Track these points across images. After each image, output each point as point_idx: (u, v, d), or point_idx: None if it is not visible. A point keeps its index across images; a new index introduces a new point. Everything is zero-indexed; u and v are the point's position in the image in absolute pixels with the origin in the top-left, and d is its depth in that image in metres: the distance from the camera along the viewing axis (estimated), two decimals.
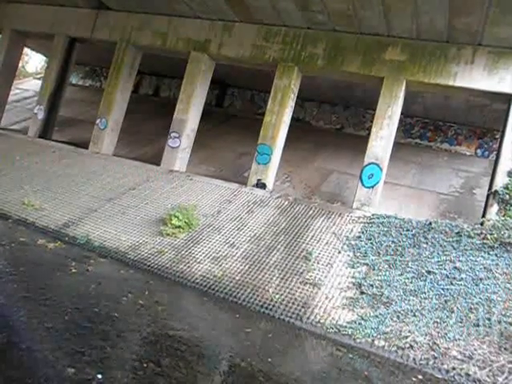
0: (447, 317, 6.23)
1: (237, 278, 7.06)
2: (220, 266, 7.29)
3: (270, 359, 5.37)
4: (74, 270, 6.77)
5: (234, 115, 14.73)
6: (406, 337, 6.00)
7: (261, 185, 9.50)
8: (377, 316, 6.37)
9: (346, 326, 6.22)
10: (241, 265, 7.32)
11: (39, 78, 17.95)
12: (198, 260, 7.41)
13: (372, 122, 9.67)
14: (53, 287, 6.17)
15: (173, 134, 11.06)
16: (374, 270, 7.09)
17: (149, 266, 7.23)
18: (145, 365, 4.62)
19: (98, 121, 12.08)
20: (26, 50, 19.43)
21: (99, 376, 4.21)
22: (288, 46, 10.36)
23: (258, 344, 5.85)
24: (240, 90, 15.38)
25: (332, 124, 14.18)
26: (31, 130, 13.14)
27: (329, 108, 14.24)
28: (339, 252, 7.56)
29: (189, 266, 7.26)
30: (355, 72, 9.75)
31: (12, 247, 7.33)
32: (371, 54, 9.63)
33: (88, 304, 5.78)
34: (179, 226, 7.94)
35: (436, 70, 9.08)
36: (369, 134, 9.66)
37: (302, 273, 7.16)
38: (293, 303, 6.61)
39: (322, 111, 14.29)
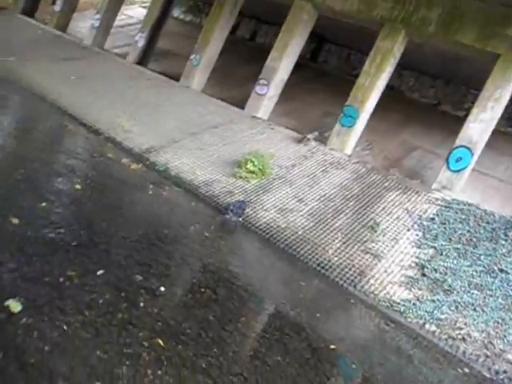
0: (511, 319, 5.89)
1: (299, 232, 7.14)
2: (285, 217, 7.39)
3: (318, 315, 5.50)
4: (150, 193, 7.25)
5: (326, 72, 14.24)
6: (461, 328, 5.79)
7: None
8: (434, 301, 6.18)
9: (399, 303, 6.13)
10: (305, 221, 7.37)
11: (145, 7, 18.46)
12: (265, 208, 7.56)
13: (473, 103, 8.88)
14: (131, 203, 6.68)
15: (261, 81, 11.00)
16: (441, 255, 6.80)
17: (218, 203, 7.51)
18: (202, 289, 4.95)
19: (192, 56, 12.31)
20: None
21: (162, 288, 4.60)
22: (399, 6, 9.61)
23: (309, 298, 5.99)
24: (337, 47, 14.71)
25: (428, 98, 13.21)
26: (131, 55, 13.77)
27: (428, 80, 13.22)
28: (408, 230, 7.31)
29: (255, 212, 7.44)
30: (469, 44, 8.87)
31: (101, 161, 7.97)
32: (492, 26, 8.65)
33: (159, 225, 6.22)
34: (253, 172, 8.09)
35: None
36: (466, 116, 8.91)
37: (365, 242, 7.06)
38: (349, 269, 6.60)
39: (419, 83, 13.32)
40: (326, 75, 14.02)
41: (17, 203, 5.20)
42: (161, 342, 3.84)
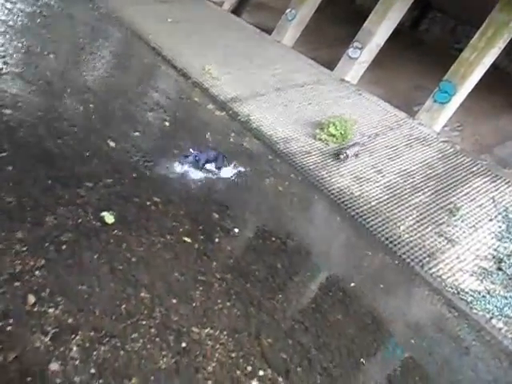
0: None
1: (372, 203, 6.97)
2: (360, 186, 7.23)
3: (381, 285, 5.44)
4: (231, 140, 7.40)
5: (425, 42, 13.29)
6: None
7: None
8: (506, 297, 5.84)
9: (467, 292, 5.86)
10: (381, 193, 7.16)
11: None
12: (341, 173, 7.43)
13: None
14: (213, 143, 6.84)
15: (355, 44, 10.52)
16: None
17: (294, 161, 7.49)
18: (273, 238, 5.05)
19: (287, 11, 12.00)
20: None
21: (236, 230, 4.78)
22: None
23: (374, 269, 5.92)
24: (443, 17, 13.57)
25: None
26: (226, 3, 13.73)
27: None
28: (490, 220, 6.86)
29: (330, 175, 7.35)
30: None
31: (188, 103, 8.21)
32: None
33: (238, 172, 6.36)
34: (333, 135, 7.92)
35: None
36: None
37: (440, 224, 6.75)
38: (419, 249, 6.38)
39: None
40: (424, 45, 13.10)
41: (114, 129, 5.56)
42: (231, 277, 4.03)
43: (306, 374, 3.40)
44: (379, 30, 10.32)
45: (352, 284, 5.12)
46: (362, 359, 3.90)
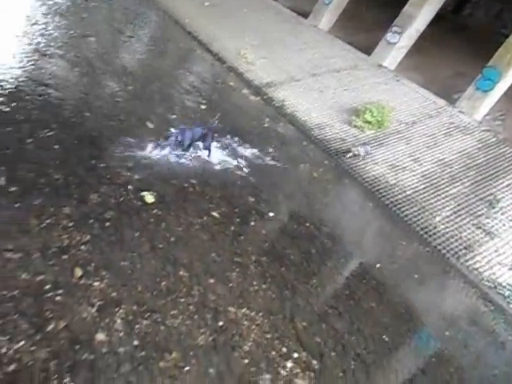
0: None
1: (408, 192, 6.83)
2: (396, 174, 7.09)
3: (415, 276, 5.35)
4: (266, 125, 7.38)
5: (468, 27, 12.74)
6: None
7: None
8: None
9: (505, 287, 5.70)
10: (417, 182, 7.01)
11: None
12: (376, 161, 7.31)
13: None
14: (248, 133, 6.86)
15: (394, 29, 10.21)
16: None
17: (328, 147, 7.42)
18: (307, 224, 5.05)
19: None
20: None
21: (271, 214, 4.80)
22: None
23: (407, 258, 5.83)
24: (487, 1, 12.96)
25: None
26: None
27: None
28: None
29: (364, 163, 7.24)
30: None
31: (223, 88, 8.22)
32: None
33: (271, 156, 6.36)
34: (369, 122, 7.77)
35: None
36: None
37: (479, 216, 6.56)
38: (456, 240, 6.23)
39: None
40: (467, 30, 12.57)
41: (152, 111, 5.64)
42: (266, 260, 4.07)
43: (340, 358, 3.42)
44: (420, 14, 9.97)
45: (385, 273, 5.07)
46: (395, 348, 3.89)
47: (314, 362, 3.27)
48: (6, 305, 2.60)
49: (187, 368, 2.79)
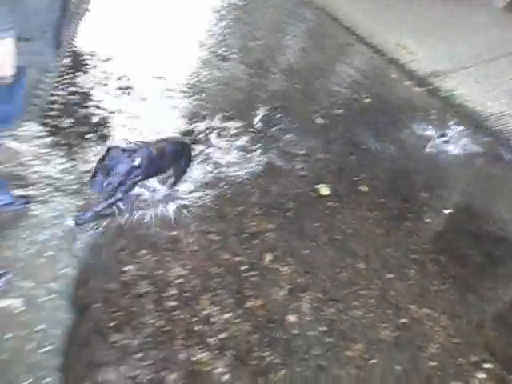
0: None
1: None
2: None
3: None
4: (432, 117, 6.89)
5: None
6: None
7: None
8: None
9: None
10: None
11: None
12: None
13: None
14: (407, 120, 6.50)
15: None
16: None
17: (509, 140, 6.58)
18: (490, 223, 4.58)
19: None
20: None
21: (446, 211, 4.49)
22: None
23: None
24: None
25: None
26: None
27: None
28: None
29: None
30: None
31: (385, 80, 7.95)
32: None
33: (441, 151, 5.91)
34: None
35: None
36: None
37: None
38: None
39: None
40: None
41: (319, 107, 5.78)
42: (444, 259, 3.81)
43: None
44: None
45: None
46: None
47: (510, 377, 2.95)
48: (215, 280, 2.97)
49: (373, 361, 2.79)
